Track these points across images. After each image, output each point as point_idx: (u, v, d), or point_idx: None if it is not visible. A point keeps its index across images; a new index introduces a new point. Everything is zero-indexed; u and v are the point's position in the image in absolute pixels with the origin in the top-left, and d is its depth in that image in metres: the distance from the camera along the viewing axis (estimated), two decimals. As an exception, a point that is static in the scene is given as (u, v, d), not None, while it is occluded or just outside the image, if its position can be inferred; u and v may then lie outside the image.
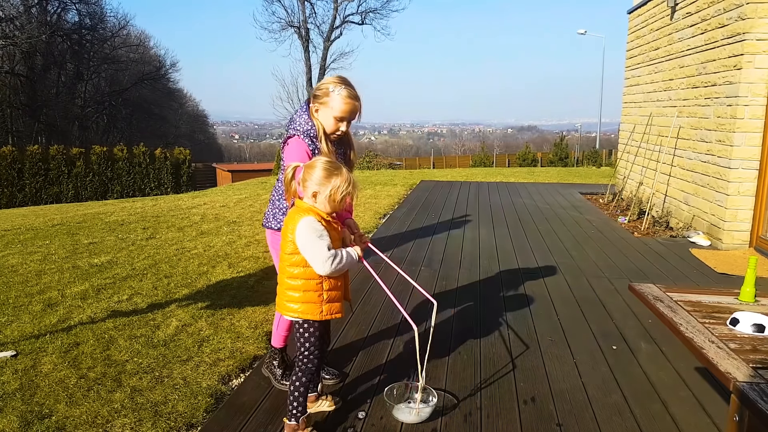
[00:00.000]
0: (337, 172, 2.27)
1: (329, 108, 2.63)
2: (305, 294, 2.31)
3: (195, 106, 55.35)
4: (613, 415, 2.70)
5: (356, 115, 2.69)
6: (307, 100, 2.76)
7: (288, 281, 2.33)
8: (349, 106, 2.62)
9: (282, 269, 2.36)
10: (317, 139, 2.67)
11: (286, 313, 2.36)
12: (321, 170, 2.26)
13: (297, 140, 2.66)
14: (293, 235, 2.26)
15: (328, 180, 2.25)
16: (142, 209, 9.32)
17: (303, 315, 2.33)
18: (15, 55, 31.26)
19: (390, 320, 3.87)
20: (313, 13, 37.37)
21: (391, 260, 2.72)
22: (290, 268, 2.31)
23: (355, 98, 2.63)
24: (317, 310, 2.32)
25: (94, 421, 2.61)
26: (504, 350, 3.43)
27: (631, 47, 9.50)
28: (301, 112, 2.71)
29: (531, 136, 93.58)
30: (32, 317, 3.93)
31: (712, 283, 4.85)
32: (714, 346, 2.04)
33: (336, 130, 2.68)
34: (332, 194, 2.26)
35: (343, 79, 2.66)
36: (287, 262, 2.32)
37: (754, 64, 5.71)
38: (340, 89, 2.61)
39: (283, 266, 2.35)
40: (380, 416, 2.65)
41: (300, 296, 2.31)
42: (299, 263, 2.29)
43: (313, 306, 2.32)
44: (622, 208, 8.49)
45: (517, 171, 17.66)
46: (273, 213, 2.84)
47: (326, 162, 2.30)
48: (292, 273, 2.31)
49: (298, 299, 2.32)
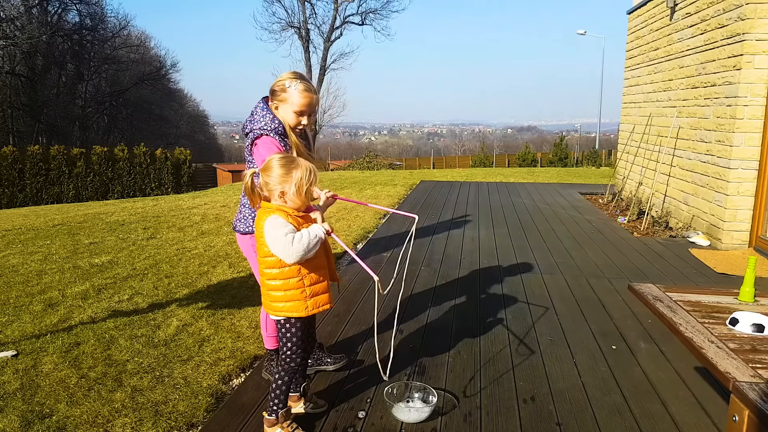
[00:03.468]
0: (295, 165, 2.25)
1: (288, 103, 2.68)
2: (287, 293, 2.31)
3: (195, 107, 55.34)
4: (613, 414, 2.71)
5: (314, 108, 2.76)
6: (264, 98, 2.79)
7: (268, 282, 2.33)
8: (307, 99, 2.68)
9: (261, 271, 2.36)
10: (285, 135, 2.72)
11: (273, 312, 2.37)
12: (279, 168, 2.24)
13: (267, 139, 2.68)
14: (263, 237, 2.26)
15: (289, 175, 2.23)
16: (142, 209, 9.33)
17: (289, 312, 2.33)
18: (16, 55, 31.28)
19: (390, 320, 3.87)
20: (314, 14, 37.36)
21: (391, 260, 2.73)
22: (267, 269, 2.32)
23: (311, 91, 2.69)
24: (302, 307, 2.32)
25: (95, 420, 2.62)
26: (504, 350, 3.43)
27: (630, 47, 9.50)
28: (262, 112, 2.73)
29: (531, 136, 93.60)
30: (33, 317, 3.94)
31: (712, 283, 4.86)
32: (713, 346, 2.04)
33: (297, 123, 2.73)
34: (298, 188, 2.24)
35: (298, 74, 2.71)
36: (264, 265, 2.32)
37: (753, 64, 5.71)
38: (297, 84, 2.66)
39: (261, 268, 2.35)
40: (380, 416, 2.66)
41: (283, 295, 2.32)
42: (275, 264, 2.28)
43: (298, 303, 2.32)
44: (622, 208, 8.50)
45: (516, 171, 17.66)
46: (240, 217, 2.86)
47: (281, 159, 2.27)
48: (271, 274, 2.31)
49: (282, 298, 2.32)
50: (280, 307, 2.33)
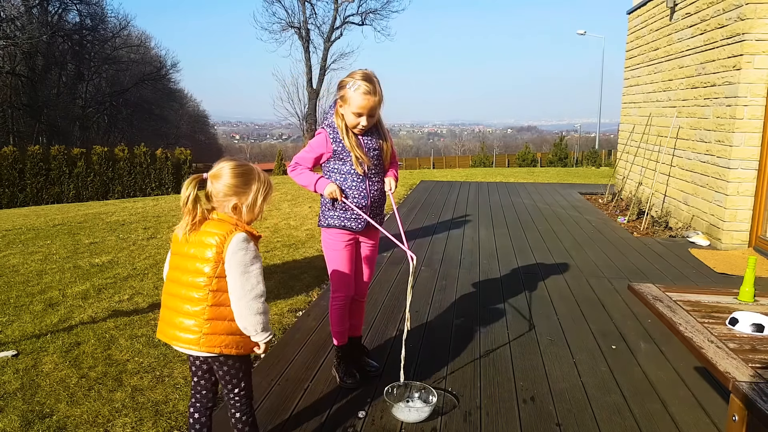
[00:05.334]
0: (253, 175, 1.95)
1: (347, 104, 2.65)
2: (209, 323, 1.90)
3: (196, 107, 55.33)
4: (613, 414, 2.71)
5: (374, 110, 2.65)
6: None
7: (187, 305, 1.91)
8: (365, 101, 2.59)
9: (183, 287, 1.92)
10: (346, 133, 2.70)
11: (174, 343, 1.94)
12: (233, 177, 1.91)
13: (321, 131, 2.76)
14: (217, 252, 1.86)
15: (247, 186, 1.93)
16: (143, 209, 9.33)
17: (202, 347, 1.90)
18: (16, 55, 31.27)
19: (390, 320, 3.88)
20: (314, 14, 37.36)
21: (391, 260, 2.74)
22: (197, 292, 1.89)
23: (371, 93, 2.59)
24: (196, 339, 1.90)
25: (95, 420, 2.62)
26: (504, 350, 3.43)
27: (630, 48, 9.51)
28: (331, 109, 2.78)
29: (530, 136, 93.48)
30: (33, 317, 3.94)
31: (712, 283, 4.86)
32: (713, 346, 2.05)
33: (356, 125, 2.67)
34: (255, 201, 1.94)
35: (363, 74, 2.62)
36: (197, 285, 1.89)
37: (753, 64, 5.71)
38: (357, 85, 2.59)
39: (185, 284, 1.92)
40: (380, 416, 2.66)
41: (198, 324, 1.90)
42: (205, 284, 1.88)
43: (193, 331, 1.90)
44: (622, 208, 8.50)
45: (516, 171, 17.66)
46: (322, 211, 2.90)
47: (236, 166, 1.93)
48: (193, 297, 1.90)
49: (197, 329, 1.90)
50: (189, 339, 1.91)
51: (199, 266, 1.89)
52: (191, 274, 1.91)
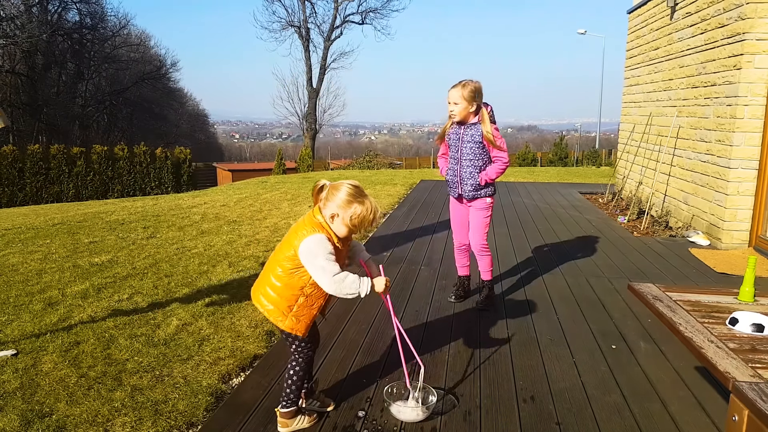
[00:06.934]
0: (360, 200, 2.33)
1: None
2: (277, 297, 2.38)
3: (195, 106, 55.36)
4: (612, 414, 2.71)
5: (452, 99, 3.81)
6: None
7: (271, 277, 2.39)
8: (449, 94, 3.84)
9: (273, 264, 2.41)
10: None
11: (256, 302, 2.46)
12: (345, 194, 2.32)
13: None
14: (296, 248, 2.30)
15: (349, 205, 2.31)
16: (142, 208, 9.32)
17: (270, 315, 2.40)
18: (16, 54, 31.27)
19: (390, 320, 3.87)
20: (314, 13, 37.38)
21: (391, 259, 2.74)
22: (280, 267, 2.37)
23: (451, 88, 3.82)
24: (281, 318, 2.39)
25: (95, 419, 2.62)
26: (503, 349, 3.43)
27: (630, 47, 9.50)
28: None
29: (531, 135, 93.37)
30: (33, 316, 3.94)
31: (712, 283, 4.86)
32: (713, 346, 2.04)
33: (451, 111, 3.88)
34: (351, 218, 2.32)
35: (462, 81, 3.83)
36: (280, 261, 2.37)
37: (753, 64, 5.71)
38: None
39: (276, 263, 2.40)
40: (380, 415, 2.66)
41: (273, 297, 2.39)
42: (290, 268, 2.34)
43: (278, 312, 2.39)
44: (622, 207, 8.50)
45: (516, 170, 17.65)
46: None
47: (352, 187, 2.34)
48: (278, 273, 2.37)
49: (271, 298, 2.40)
50: (264, 304, 2.41)
51: None
52: None
